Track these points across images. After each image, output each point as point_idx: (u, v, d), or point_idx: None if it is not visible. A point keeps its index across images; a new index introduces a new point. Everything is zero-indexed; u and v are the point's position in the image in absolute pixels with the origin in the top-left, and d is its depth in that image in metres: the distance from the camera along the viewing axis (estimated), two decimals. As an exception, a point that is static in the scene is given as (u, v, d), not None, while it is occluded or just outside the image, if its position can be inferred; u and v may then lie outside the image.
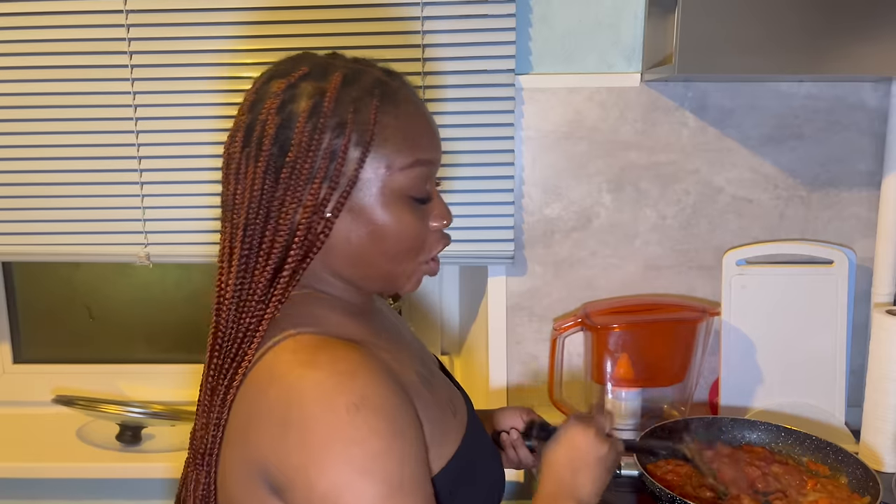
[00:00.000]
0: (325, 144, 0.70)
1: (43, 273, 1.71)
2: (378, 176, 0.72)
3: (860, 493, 1.06)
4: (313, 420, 0.63)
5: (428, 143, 0.75)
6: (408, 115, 0.74)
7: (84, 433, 1.53)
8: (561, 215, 1.44)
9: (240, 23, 1.34)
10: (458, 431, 0.78)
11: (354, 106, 0.71)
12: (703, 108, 1.39)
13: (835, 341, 1.37)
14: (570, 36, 1.38)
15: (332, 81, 0.72)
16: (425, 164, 0.75)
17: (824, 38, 1.12)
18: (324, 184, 0.71)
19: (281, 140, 0.71)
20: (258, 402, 0.68)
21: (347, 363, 0.66)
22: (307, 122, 0.70)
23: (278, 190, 0.71)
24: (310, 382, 0.65)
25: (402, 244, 0.74)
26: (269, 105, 0.72)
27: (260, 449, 0.66)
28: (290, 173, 0.70)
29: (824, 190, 1.42)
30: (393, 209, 0.73)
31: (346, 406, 0.63)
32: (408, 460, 0.65)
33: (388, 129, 0.72)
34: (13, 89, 1.38)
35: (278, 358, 0.69)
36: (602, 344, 1.35)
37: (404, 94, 0.75)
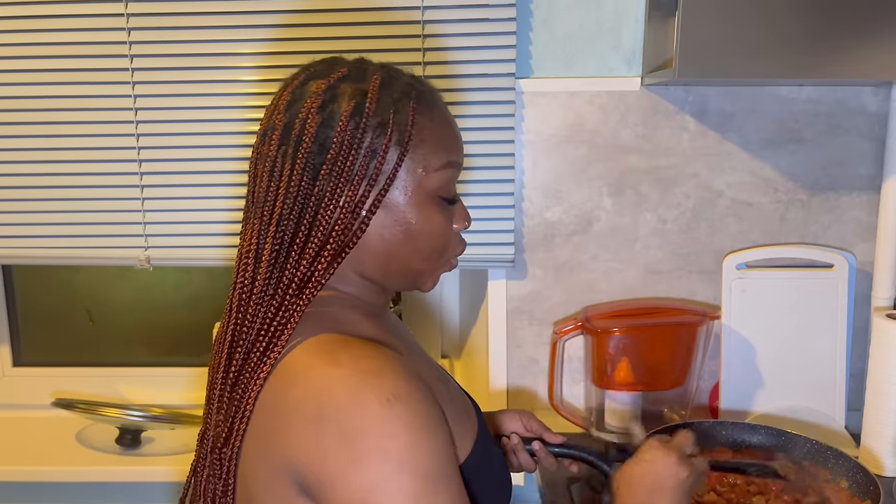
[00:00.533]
0: (366, 143, 0.72)
1: (43, 276, 1.71)
2: (415, 176, 0.75)
3: (861, 497, 1.06)
4: (346, 416, 0.63)
5: (456, 147, 0.79)
6: (440, 119, 0.77)
7: (84, 436, 1.53)
8: (561, 219, 1.44)
9: (240, 26, 1.34)
10: (473, 432, 0.80)
11: (394, 107, 0.73)
12: (703, 112, 1.39)
13: (835, 345, 1.37)
14: (571, 40, 1.38)
15: (372, 83, 0.74)
16: (455, 167, 0.78)
17: (825, 42, 1.12)
18: (363, 182, 0.73)
19: (321, 138, 0.72)
20: (281, 401, 0.68)
21: (371, 361, 0.67)
22: (349, 120, 0.72)
23: (316, 187, 0.72)
24: (337, 379, 0.65)
25: (432, 243, 0.76)
26: (309, 104, 0.73)
27: (288, 448, 0.66)
28: (329, 171, 0.72)
29: (824, 194, 1.42)
30: (426, 209, 0.75)
31: (379, 401, 0.63)
32: (439, 454, 0.65)
33: (424, 131, 0.75)
34: (14, 92, 1.38)
35: (300, 357, 0.69)
36: (602, 347, 1.35)
37: (435, 98, 0.79)
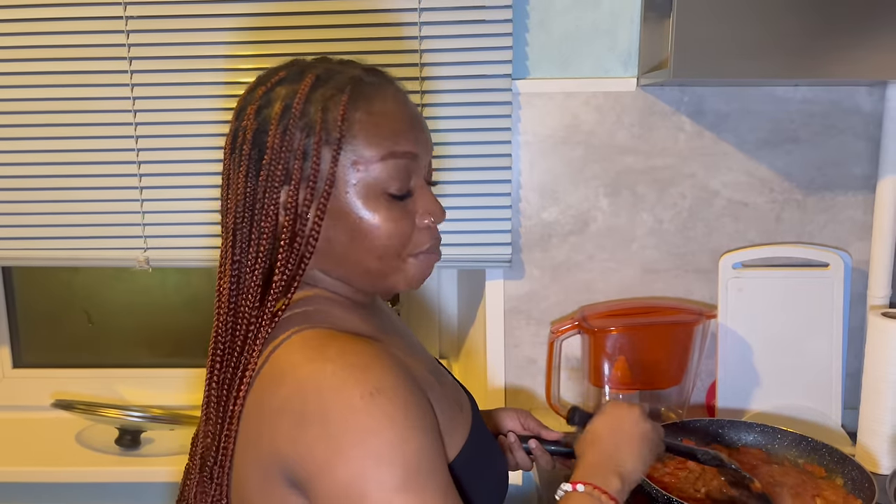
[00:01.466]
0: (295, 145, 0.72)
1: (42, 278, 1.71)
2: (352, 173, 0.72)
3: (856, 495, 1.07)
4: (330, 411, 0.64)
5: (406, 137, 0.74)
6: (382, 110, 0.74)
7: (83, 437, 1.53)
8: (558, 219, 1.44)
9: (238, 28, 1.35)
10: (466, 426, 0.79)
11: (323, 105, 0.72)
12: (699, 112, 1.40)
13: (831, 344, 1.38)
14: (567, 41, 1.39)
15: (305, 83, 0.73)
16: (402, 157, 0.74)
17: (819, 42, 1.13)
18: (301, 185, 0.72)
19: (259, 144, 0.73)
20: (270, 400, 0.68)
21: (358, 356, 0.67)
22: (279, 124, 0.72)
23: (258, 193, 0.72)
24: (323, 375, 0.65)
25: (382, 241, 0.73)
26: (249, 111, 0.74)
27: (276, 445, 0.66)
28: (266, 175, 0.72)
29: (820, 193, 1.42)
30: (370, 206, 0.73)
31: (362, 395, 0.63)
32: (424, 449, 0.65)
33: (357, 125, 0.72)
34: (13, 95, 1.39)
35: (287, 355, 0.69)
36: (599, 347, 1.36)
37: (382, 89, 0.75)
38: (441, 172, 1.39)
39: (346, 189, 0.72)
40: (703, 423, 1.24)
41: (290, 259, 0.72)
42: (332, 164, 0.71)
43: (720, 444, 1.21)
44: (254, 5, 1.34)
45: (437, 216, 0.78)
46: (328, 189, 0.71)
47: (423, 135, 0.77)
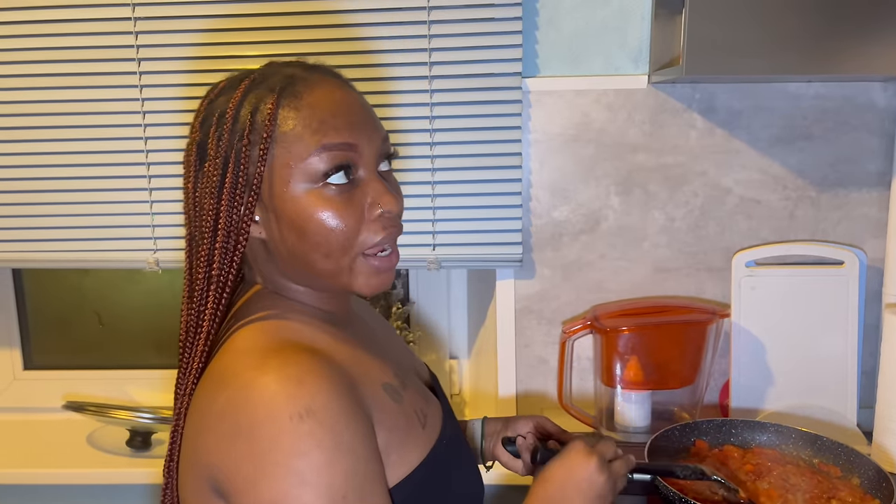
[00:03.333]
0: (229, 151, 0.72)
1: (52, 280, 1.72)
2: (286, 170, 0.71)
3: (873, 495, 1.05)
4: (257, 428, 0.63)
5: (341, 127, 0.72)
6: (313, 104, 0.72)
7: (94, 439, 1.53)
8: (569, 218, 1.44)
9: (247, 29, 1.34)
10: (427, 443, 0.77)
11: (252, 107, 0.72)
12: (710, 109, 1.39)
13: (846, 342, 1.36)
14: (577, 38, 1.38)
15: (239, 89, 0.74)
16: (337, 149, 0.71)
17: (833, 38, 1.11)
18: (235, 189, 0.72)
19: (201, 154, 0.74)
20: (209, 406, 0.68)
21: (297, 368, 0.66)
22: (215, 132, 0.73)
23: (200, 200, 0.74)
24: (256, 388, 0.65)
25: (326, 236, 0.72)
26: (195, 125, 0.76)
27: (209, 454, 0.67)
28: (206, 182, 0.73)
29: (834, 190, 1.41)
30: (311, 201, 0.71)
31: (290, 415, 0.63)
32: (353, 474, 0.64)
33: (287, 122, 0.71)
34: (23, 97, 1.39)
35: (230, 360, 0.70)
36: (611, 347, 1.35)
37: (315, 83, 0.74)
38: (451, 172, 1.39)
39: (282, 187, 0.71)
40: (716, 423, 1.23)
41: (224, 261, 0.73)
42: (261, 163, 0.71)
43: (733, 444, 1.20)
44: (261, 6, 1.33)
45: (388, 204, 0.74)
46: (256, 188, 0.72)
47: (365, 123, 0.74)
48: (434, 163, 1.38)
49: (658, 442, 1.16)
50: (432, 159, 1.38)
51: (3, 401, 1.68)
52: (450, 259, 1.42)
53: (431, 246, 1.41)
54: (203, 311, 0.74)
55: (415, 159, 1.38)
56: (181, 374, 0.75)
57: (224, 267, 0.73)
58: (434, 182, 1.39)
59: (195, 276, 0.75)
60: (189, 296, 0.75)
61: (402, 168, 1.39)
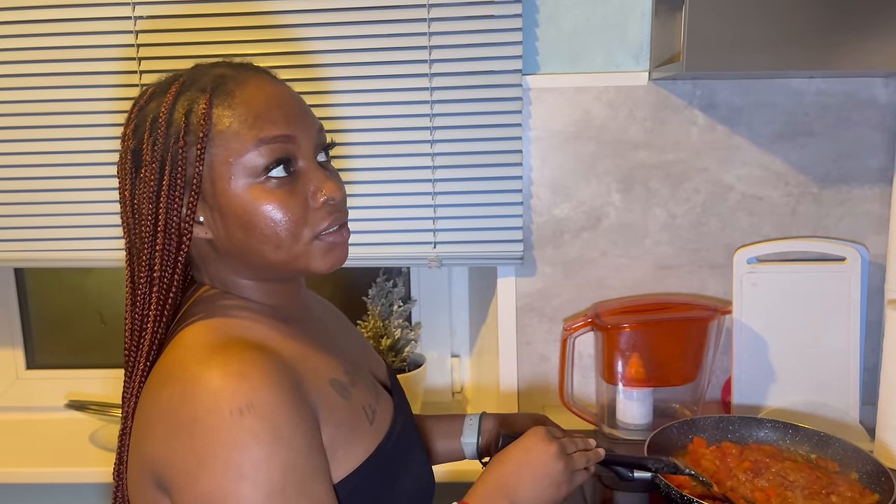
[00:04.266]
0: (165, 154, 0.72)
1: (55, 280, 1.72)
2: (225, 167, 0.72)
3: (872, 489, 1.05)
4: (198, 422, 0.64)
5: (276, 120, 0.73)
6: (245, 100, 0.72)
7: (97, 437, 1.54)
8: (570, 215, 1.43)
9: (248, 27, 1.34)
10: (374, 439, 0.78)
11: (186, 109, 0.72)
12: (712, 105, 1.38)
13: (848, 339, 1.36)
14: (578, 35, 1.38)
15: (170, 93, 0.74)
16: (273, 142, 0.72)
17: (834, 33, 1.11)
18: (173, 191, 0.72)
19: (136, 161, 0.74)
20: (154, 401, 0.69)
21: (240, 364, 0.66)
22: (149, 138, 0.73)
23: (137, 206, 0.74)
24: (200, 383, 0.65)
25: (273, 228, 0.72)
26: (127, 132, 0.76)
27: (152, 448, 0.68)
28: (143, 188, 0.73)
29: (836, 186, 1.41)
30: (253, 196, 0.72)
31: (231, 410, 0.64)
32: (293, 468, 0.65)
33: (223, 120, 0.72)
34: (23, 97, 1.39)
35: (176, 356, 0.70)
36: (613, 344, 1.35)
37: (245, 80, 0.74)
38: (452, 169, 1.38)
39: (224, 185, 0.72)
40: (713, 419, 1.22)
41: (166, 263, 0.74)
42: (199, 163, 0.71)
43: (730, 440, 1.20)
44: (261, 4, 1.33)
45: (331, 191, 0.74)
46: (196, 188, 0.72)
47: (300, 115, 0.75)
48: (434, 160, 1.38)
49: (656, 439, 1.16)
50: (433, 157, 1.38)
51: (6, 400, 1.68)
52: (451, 257, 1.42)
53: (432, 244, 1.41)
54: (147, 315, 0.74)
55: (415, 157, 1.38)
56: (127, 376, 0.76)
57: (166, 269, 0.74)
58: (435, 180, 1.39)
59: (137, 281, 0.75)
60: (132, 300, 0.75)
61: (403, 166, 1.38)
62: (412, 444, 0.87)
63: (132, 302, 0.75)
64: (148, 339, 0.74)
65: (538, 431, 0.85)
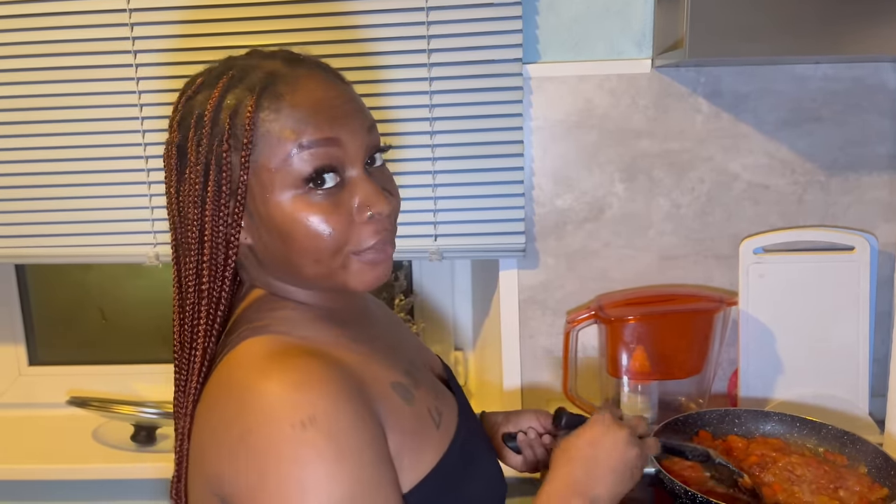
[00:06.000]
0: (210, 156, 0.69)
1: (56, 276, 1.71)
2: (267, 175, 0.68)
3: (882, 483, 1.03)
4: (258, 437, 0.62)
5: (322, 123, 0.68)
6: (293, 103, 0.68)
7: (99, 434, 1.53)
8: (573, 206, 1.41)
9: (244, 18, 1.33)
10: (442, 443, 0.75)
11: (231, 111, 0.68)
12: (716, 93, 1.36)
13: (857, 330, 1.34)
14: (578, 23, 1.35)
15: (218, 88, 0.69)
16: (320, 145, 0.67)
17: (841, 17, 1.08)
18: (219, 198, 0.69)
19: (181, 156, 0.71)
20: (210, 417, 0.67)
21: (299, 373, 0.63)
22: (194, 135, 0.70)
23: (182, 207, 0.71)
24: (258, 395, 0.63)
25: (313, 242, 0.68)
26: (172, 123, 0.72)
27: (212, 464, 0.65)
28: (188, 188, 0.70)
29: (844, 174, 1.38)
30: (294, 206, 0.68)
31: (292, 424, 0.61)
32: (357, 482, 0.62)
33: (266, 124, 0.67)
34: (19, 91, 1.38)
35: (233, 368, 0.67)
36: (617, 336, 1.33)
37: (296, 79, 0.70)
38: (452, 161, 1.37)
39: (266, 193, 0.68)
40: (719, 412, 1.20)
41: (214, 276, 0.71)
42: (244, 171, 0.67)
43: (736, 434, 1.18)
44: (258, -6, 1.32)
45: (378, 207, 0.69)
46: (241, 196, 0.68)
47: (348, 116, 0.70)
48: (434, 152, 1.36)
49: (661, 433, 1.14)
50: (432, 148, 1.36)
51: (9, 397, 1.68)
52: (452, 250, 1.40)
53: (433, 236, 1.39)
54: (197, 328, 0.71)
55: (415, 149, 1.36)
56: (179, 393, 0.73)
57: (215, 282, 0.70)
58: (435, 171, 1.37)
59: (185, 290, 0.72)
60: (181, 309, 0.72)
61: (402, 158, 1.37)
62: (480, 443, 0.84)
63: (181, 311, 0.73)
64: (200, 356, 0.70)
65: (604, 420, 0.80)
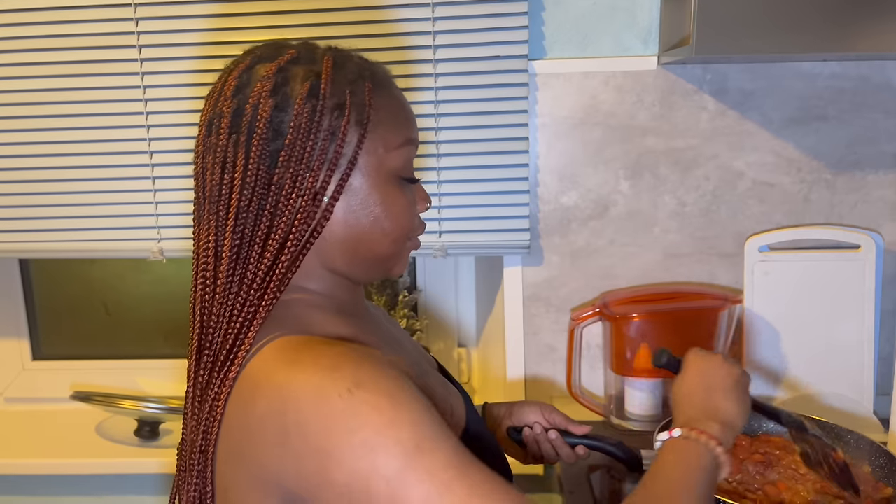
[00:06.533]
0: (325, 126, 0.69)
1: (59, 270, 1.71)
2: (376, 156, 0.72)
3: (885, 482, 1.03)
4: (309, 419, 0.61)
5: (413, 124, 0.77)
6: (395, 97, 0.75)
7: (103, 429, 1.54)
8: (577, 203, 1.41)
9: (249, 13, 1.33)
10: (456, 428, 0.76)
11: (350, 88, 0.71)
12: (722, 90, 1.35)
13: (862, 328, 1.33)
14: (585, 19, 1.35)
15: (325, 64, 0.71)
16: (413, 144, 0.76)
17: (848, 15, 1.08)
18: (324, 167, 0.70)
19: (276, 123, 0.69)
20: (247, 414, 0.65)
21: (331, 358, 0.63)
22: (305, 103, 0.69)
23: (275, 175, 0.69)
24: (297, 384, 0.62)
25: (399, 224, 0.74)
26: (259, 88, 0.70)
27: (265, 466, 0.64)
28: (288, 157, 0.69)
29: (850, 172, 1.38)
30: (390, 190, 0.73)
31: (340, 394, 0.60)
32: (419, 424, 0.61)
33: (381, 111, 0.73)
34: (24, 86, 1.38)
35: (260, 365, 0.66)
36: (621, 334, 1.33)
37: (388, 77, 0.77)
38: (457, 157, 1.36)
39: (367, 172, 0.72)
40: None
41: (306, 244, 0.70)
42: (358, 146, 0.71)
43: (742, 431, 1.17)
44: (263, -11, 1.31)
45: (427, 202, 0.80)
46: (349, 171, 0.70)
47: (416, 121, 0.79)
48: (439, 148, 1.36)
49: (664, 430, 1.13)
50: (437, 145, 1.36)
51: (12, 391, 1.68)
52: (456, 246, 1.40)
53: (437, 233, 1.39)
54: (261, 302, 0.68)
55: (420, 145, 1.36)
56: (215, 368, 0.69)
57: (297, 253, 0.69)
58: (439, 168, 1.37)
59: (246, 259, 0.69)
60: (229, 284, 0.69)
61: (407, 154, 1.36)
62: (485, 434, 0.84)
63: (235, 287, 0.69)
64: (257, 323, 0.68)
65: (697, 354, 0.86)
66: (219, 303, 0.70)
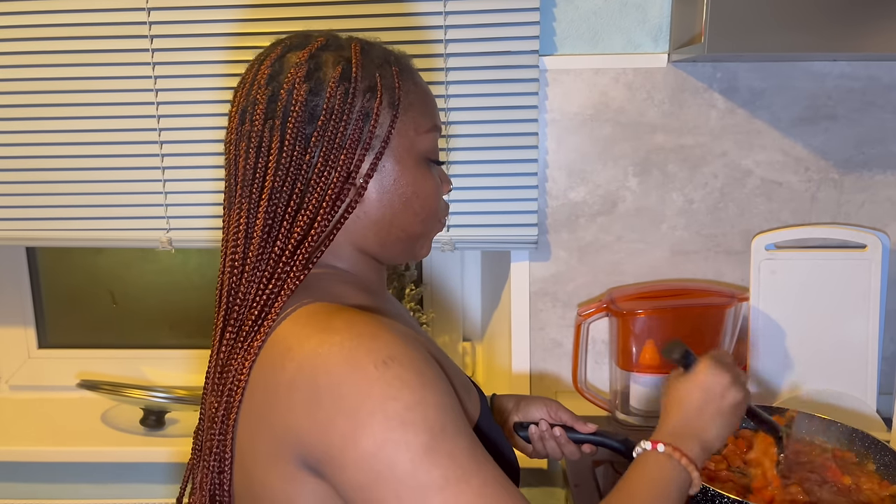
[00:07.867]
0: (357, 108, 0.72)
1: (66, 259, 1.72)
2: (407, 138, 0.75)
3: (890, 481, 1.04)
4: (343, 383, 0.62)
5: (436, 110, 0.80)
6: (419, 84, 0.78)
7: (108, 417, 1.54)
8: (586, 199, 1.41)
9: (260, 5, 1.33)
10: (473, 414, 0.78)
11: (380, 72, 0.74)
12: (732, 88, 1.36)
13: (867, 327, 1.34)
14: (596, 15, 1.35)
15: (353, 50, 0.74)
16: (438, 131, 0.79)
17: (859, 14, 1.08)
18: (357, 148, 0.72)
19: (310, 107, 0.72)
20: (275, 378, 0.66)
21: (365, 326, 0.65)
22: (338, 86, 0.72)
23: (307, 156, 0.71)
24: (330, 347, 0.63)
25: (429, 204, 0.78)
26: (293, 74, 0.72)
27: (289, 427, 0.64)
28: (320, 138, 0.71)
29: (858, 172, 1.38)
30: (419, 171, 0.76)
31: (375, 364, 0.62)
32: (444, 408, 0.63)
33: (410, 94, 0.76)
34: (35, 74, 1.38)
35: (292, 328, 0.67)
36: (627, 330, 1.33)
37: (411, 64, 0.80)
38: (466, 151, 1.37)
39: (399, 154, 0.75)
40: None
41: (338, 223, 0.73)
42: (391, 128, 0.73)
43: (744, 427, 1.18)
44: (275, -19, 1.31)
45: (449, 186, 0.84)
46: (381, 152, 0.73)
47: None
48: (449, 142, 1.36)
49: None
50: (447, 139, 1.36)
51: (18, 379, 1.69)
52: (464, 240, 1.40)
53: (446, 227, 1.40)
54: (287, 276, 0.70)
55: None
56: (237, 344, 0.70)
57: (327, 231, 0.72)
58: (449, 162, 1.37)
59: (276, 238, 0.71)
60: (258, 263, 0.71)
61: (417, 148, 1.37)
62: (494, 427, 0.85)
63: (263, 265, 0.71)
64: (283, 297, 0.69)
65: (710, 364, 0.84)
66: (246, 281, 0.71)
